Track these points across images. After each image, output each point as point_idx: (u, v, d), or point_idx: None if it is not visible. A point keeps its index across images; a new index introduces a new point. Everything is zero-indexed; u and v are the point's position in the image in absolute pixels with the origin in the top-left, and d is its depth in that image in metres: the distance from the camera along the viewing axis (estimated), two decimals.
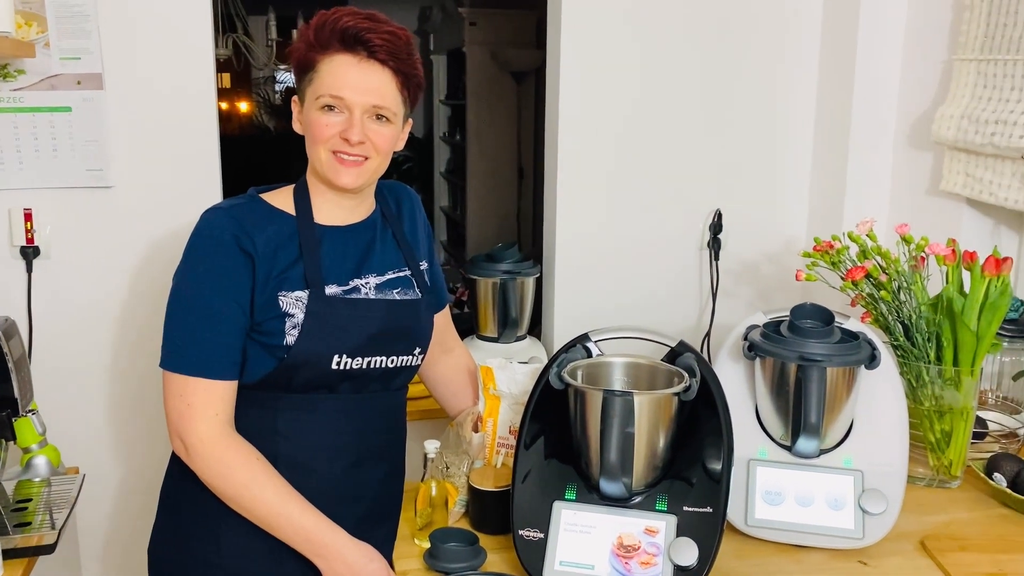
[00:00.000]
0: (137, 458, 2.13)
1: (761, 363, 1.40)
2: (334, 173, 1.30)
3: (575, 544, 1.23)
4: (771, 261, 2.29)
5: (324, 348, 1.29)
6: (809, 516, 1.34)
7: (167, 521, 1.39)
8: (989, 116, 1.72)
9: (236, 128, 7.06)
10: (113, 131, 1.97)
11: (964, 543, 1.34)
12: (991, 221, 1.89)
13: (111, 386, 2.09)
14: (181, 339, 1.26)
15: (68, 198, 1.98)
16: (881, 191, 2.11)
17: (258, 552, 1.30)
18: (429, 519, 1.37)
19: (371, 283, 1.36)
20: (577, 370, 1.33)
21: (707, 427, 1.27)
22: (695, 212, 2.24)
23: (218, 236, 1.27)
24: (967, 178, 1.82)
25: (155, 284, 2.04)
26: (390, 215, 1.44)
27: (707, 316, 2.27)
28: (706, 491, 1.25)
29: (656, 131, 2.17)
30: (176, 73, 1.98)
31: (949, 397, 1.51)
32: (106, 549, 2.17)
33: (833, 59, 2.15)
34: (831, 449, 1.39)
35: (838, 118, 2.13)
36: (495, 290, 2.17)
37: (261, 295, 1.27)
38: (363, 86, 1.27)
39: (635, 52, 2.12)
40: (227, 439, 1.26)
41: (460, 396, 1.62)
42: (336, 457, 1.35)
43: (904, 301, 1.54)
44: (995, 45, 1.74)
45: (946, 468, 1.53)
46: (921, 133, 1.98)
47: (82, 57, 1.92)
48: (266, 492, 1.25)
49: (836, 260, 1.61)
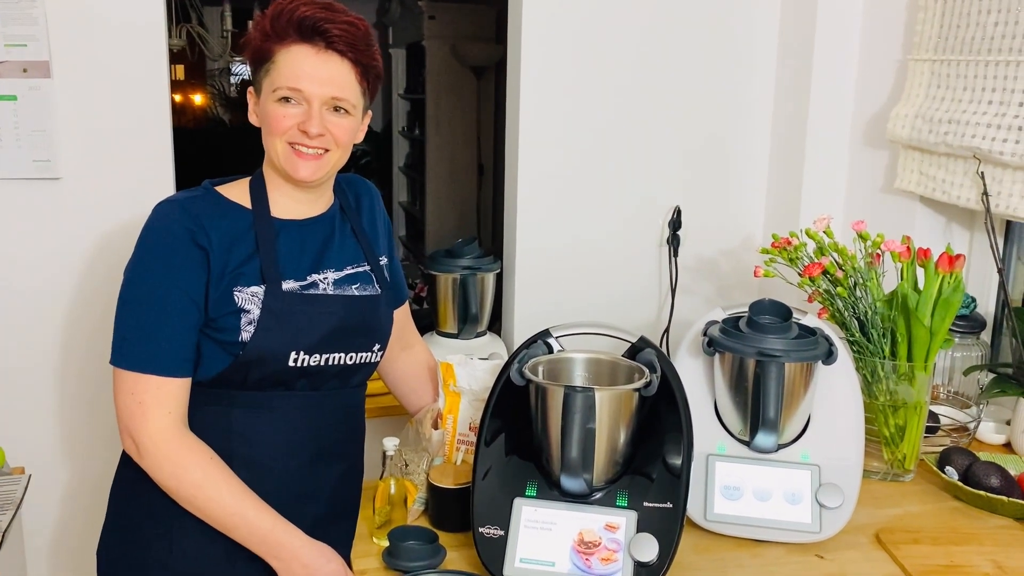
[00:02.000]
0: (85, 458, 2.08)
1: (720, 359, 1.41)
2: (291, 166, 1.28)
3: (536, 541, 1.23)
4: (729, 258, 2.31)
5: (280, 345, 1.27)
6: (767, 510, 1.35)
7: (117, 522, 1.35)
8: (943, 115, 1.75)
9: (191, 121, 6.94)
10: (61, 121, 1.91)
11: (917, 535, 1.36)
12: (943, 219, 1.93)
13: (58, 384, 2.03)
14: (132, 335, 1.23)
15: (13, 189, 1.92)
16: (837, 189, 2.14)
17: (212, 554, 1.27)
18: (388, 517, 1.36)
19: (329, 278, 1.34)
20: (538, 366, 1.32)
21: (667, 423, 1.28)
22: (655, 209, 2.24)
23: (172, 229, 1.23)
24: (921, 176, 1.85)
25: (105, 279, 1.98)
26: (349, 209, 1.42)
27: (666, 312, 2.28)
28: (666, 486, 1.25)
29: (616, 127, 2.17)
30: (128, 62, 1.92)
31: (903, 392, 1.53)
32: (54, 550, 2.11)
33: (790, 57, 2.17)
34: (789, 444, 1.40)
35: (795, 116, 2.15)
36: (455, 286, 2.16)
37: (215, 290, 1.24)
38: (321, 77, 1.25)
39: (595, 48, 2.12)
40: (180, 438, 1.23)
41: (420, 392, 1.61)
42: (293, 455, 1.33)
43: (860, 297, 1.56)
44: (948, 46, 1.77)
45: (900, 462, 1.55)
46: (876, 132, 2.01)
47: (28, 44, 1.86)
48: (220, 492, 1.22)
49: (793, 256, 1.62)
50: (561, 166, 2.16)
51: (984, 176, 1.67)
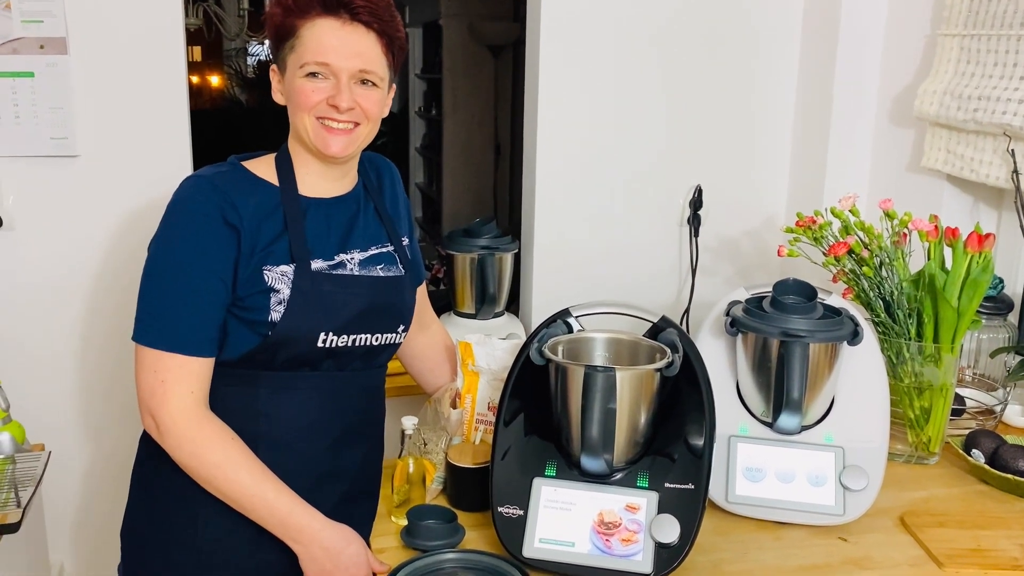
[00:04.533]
0: (106, 435, 2.08)
1: (743, 339, 1.39)
2: (322, 141, 1.26)
3: (555, 521, 1.21)
4: (751, 237, 2.28)
5: (310, 325, 1.26)
6: (790, 492, 1.34)
7: (141, 502, 1.35)
8: (972, 92, 1.71)
9: (207, 102, 6.94)
10: (79, 98, 1.90)
11: (943, 519, 1.34)
12: (970, 198, 1.89)
13: (78, 361, 2.04)
14: (157, 312, 1.21)
15: (32, 167, 1.92)
16: (861, 167, 2.11)
17: (238, 536, 1.27)
18: (406, 496, 1.35)
19: (355, 259, 1.32)
20: (558, 346, 1.30)
21: (689, 403, 1.26)
22: (675, 188, 2.22)
23: (201, 207, 1.21)
24: (948, 154, 1.81)
25: (123, 256, 1.98)
26: (372, 188, 1.40)
27: (686, 292, 2.26)
28: (688, 467, 1.23)
29: (636, 105, 2.14)
30: (144, 39, 1.91)
31: (929, 374, 1.50)
32: (74, 527, 2.12)
33: (815, 33, 2.13)
34: (812, 426, 1.38)
35: (820, 93, 2.11)
36: (473, 266, 2.14)
37: (245, 269, 1.23)
38: (348, 50, 1.23)
39: (615, 26, 2.09)
40: (201, 418, 1.22)
41: (437, 372, 1.60)
42: (317, 435, 1.32)
43: (886, 277, 1.53)
44: (979, 20, 1.72)
45: (925, 445, 1.53)
46: (902, 109, 1.97)
47: (45, 20, 1.85)
48: (240, 473, 1.21)
49: (819, 236, 1.60)
50: (580, 145, 2.14)
51: (1015, 154, 1.63)
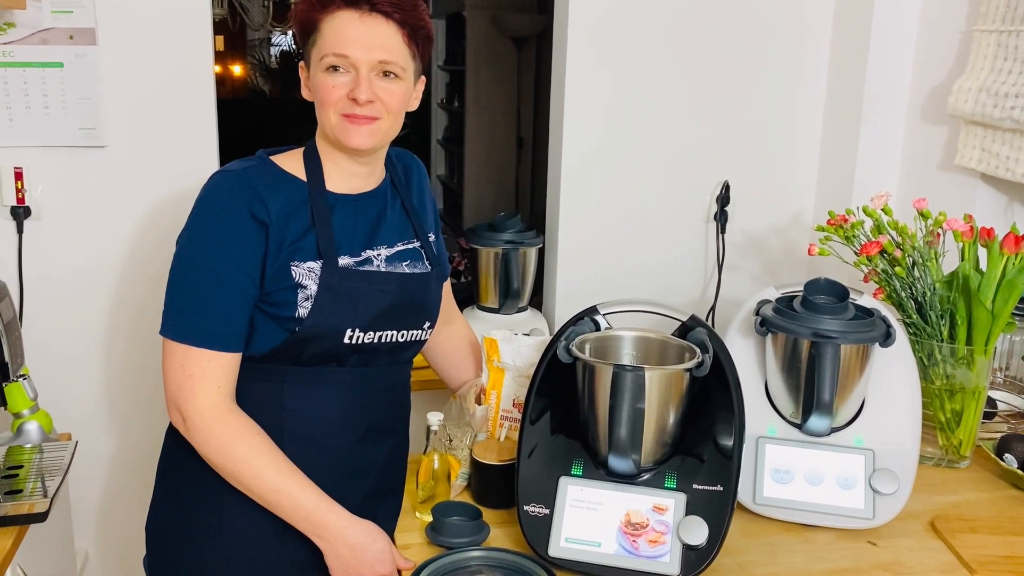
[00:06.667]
0: (132, 426, 2.10)
1: (772, 339, 1.37)
2: (344, 134, 1.25)
3: (582, 521, 1.21)
4: (778, 235, 2.26)
5: (337, 322, 1.25)
6: (818, 495, 1.32)
7: (167, 495, 1.35)
8: (1009, 89, 1.68)
9: (230, 92, 6.97)
10: (107, 89, 1.91)
11: (975, 524, 1.32)
12: (1005, 198, 1.86)
13: (105, 351, 2.05)
14: (185, 307, 1.21)
15: (60, 157, 1.93)
16: (891, 165, 2.07)
17: (263, 531, 1.27)
18: (431, 492, 1.34)
19: (382, 255, 1.32)
20: (585, 344, 1.29)
21: (717, 403, 1.24)
22: (702, 184, 2.19)
23: (230, 202, 1.21)
24: (983, 153, 1.78)
25: (150, 248, 1.99)
26: (399, 184, 1.40)
27: (712, 290, 2.24)
28: (717, 469, 1.22)
29: (663, 100, 2.12)
30: (172, 29, 1.91)
31: (961, 376, 1.48)
32: (99, 517, 2.14)
33: (847, 28, 2.09)
34: (842, 428, 1.36)
35: (851, 89, 2.08)
36: (497, 260, 2.13)
37: (272, 265, 1.22)
38: (367, 42, 1.21)
39: (643, 21, 2.06)
40: (227, 414, 1.22)
41: (461, 368, 1.59)
42: (344, 431, 1.32)
43: (918, 277, 1.51)
44: (1017, 16, 1.69)
45: (955, 448, 1.51)
46: (935, 106, 1.94)
47: (74, 11, 1.85)
48: (266, 469, 1.21)
49: (850, 235, 1.57)
50: (606, 139, 2.12)
51: None
